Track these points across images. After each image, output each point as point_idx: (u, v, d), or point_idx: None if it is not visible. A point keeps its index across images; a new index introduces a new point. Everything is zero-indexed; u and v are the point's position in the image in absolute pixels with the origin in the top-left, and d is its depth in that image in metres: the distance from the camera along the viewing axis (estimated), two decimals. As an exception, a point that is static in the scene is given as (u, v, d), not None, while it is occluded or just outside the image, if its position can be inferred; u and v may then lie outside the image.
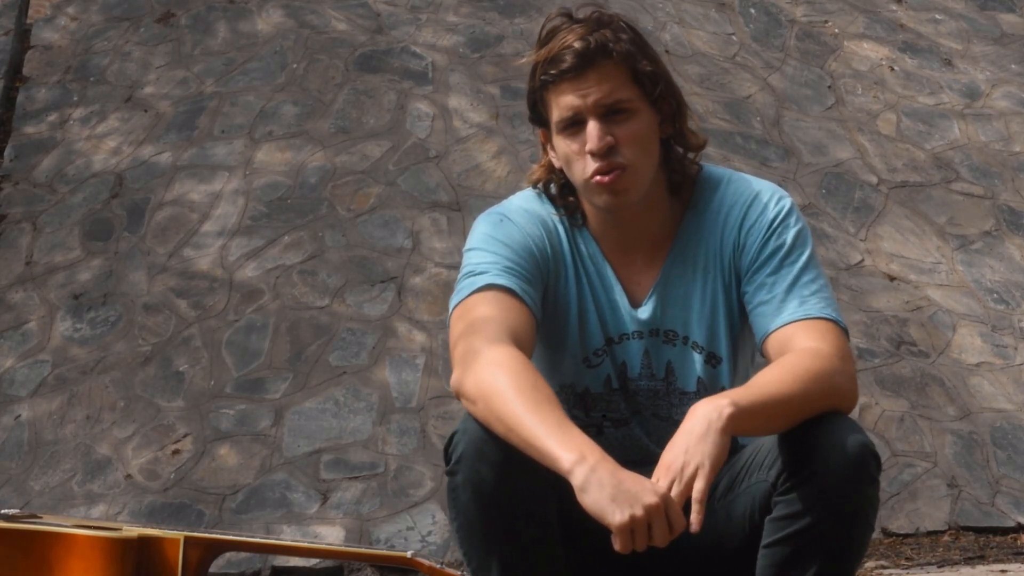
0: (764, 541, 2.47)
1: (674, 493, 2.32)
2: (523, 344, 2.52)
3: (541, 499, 2.45)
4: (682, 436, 2.36)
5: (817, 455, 2.40)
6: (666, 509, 2.30)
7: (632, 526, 2.28)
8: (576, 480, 2.31)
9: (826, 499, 2.40)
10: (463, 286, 2.61)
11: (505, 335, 2.50)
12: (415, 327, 6.15)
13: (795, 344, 2.53)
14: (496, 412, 2.40)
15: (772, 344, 2.57)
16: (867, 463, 2.41)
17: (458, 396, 2.49)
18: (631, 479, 2.31)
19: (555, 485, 2.42)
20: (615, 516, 2.28)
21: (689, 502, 2.33)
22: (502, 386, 2.41)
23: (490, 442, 2.41)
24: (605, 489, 2.30)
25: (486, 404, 2.42)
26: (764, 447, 2.52)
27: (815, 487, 2.40)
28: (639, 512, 2.28)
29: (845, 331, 2.57)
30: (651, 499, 2.29)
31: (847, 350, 2.54)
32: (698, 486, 2.31)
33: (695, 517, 2.30)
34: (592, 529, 2.40)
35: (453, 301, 2.61)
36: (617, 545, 2.30)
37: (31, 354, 6.20)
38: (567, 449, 2.33)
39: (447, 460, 2.48)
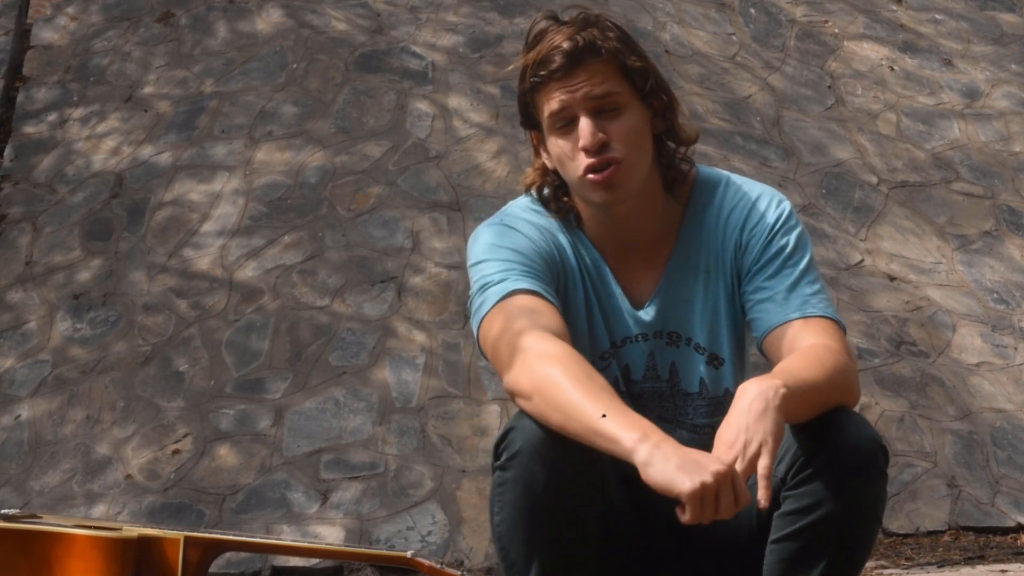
0: (772, 536, 2.46)
1: (738, 469, 2.30)
2: (562, 340, 2.50)
3: (587, 504, 2.45)
4: (739, 415, 2.34)
5: (827, 450, 2.41)
6: (732, 480, 2.29)
7: (702, 493, 2.26)
8: (640, 457, 2.29)
9: (836, 493, 2.39)
10: (485, 298, 2.58)
11: (546, 331, 2.49)
12: (415, 327, 6.15)
13: (800, 340, 2.54)
14: (553, 403, 2.38)
15: (773, 339, 2.57)
16: (876, 457, 2.42)
17: (512, 395, 2.47)
18: (695, 452, 2.30)
19: (602, 490, 2.43)
20: (684, 484, 2.26)
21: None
22: (556, 377, 2.40)
23: (547, 442, 2.40)
24: (671, 460, 2.28)
25: (542, 397, 2.40)
26: None
27: (825, 481, 2.40)
28: (708, 479, 2.26)
29: (844, 333, 2.60)
30: (719, 467, 2.27)
31: (849, 350, 2.56)
32: (763, 463, 2.30)
33: (763, 494, 2.29)
34: (629, 531, 2.40)
35: (477, 318, 2.58)
36: (687, 515, 2.27)
37: (31, 354, 6.19)
38: (629, 429, 2.32)
39: (497, 455, 2.46)
